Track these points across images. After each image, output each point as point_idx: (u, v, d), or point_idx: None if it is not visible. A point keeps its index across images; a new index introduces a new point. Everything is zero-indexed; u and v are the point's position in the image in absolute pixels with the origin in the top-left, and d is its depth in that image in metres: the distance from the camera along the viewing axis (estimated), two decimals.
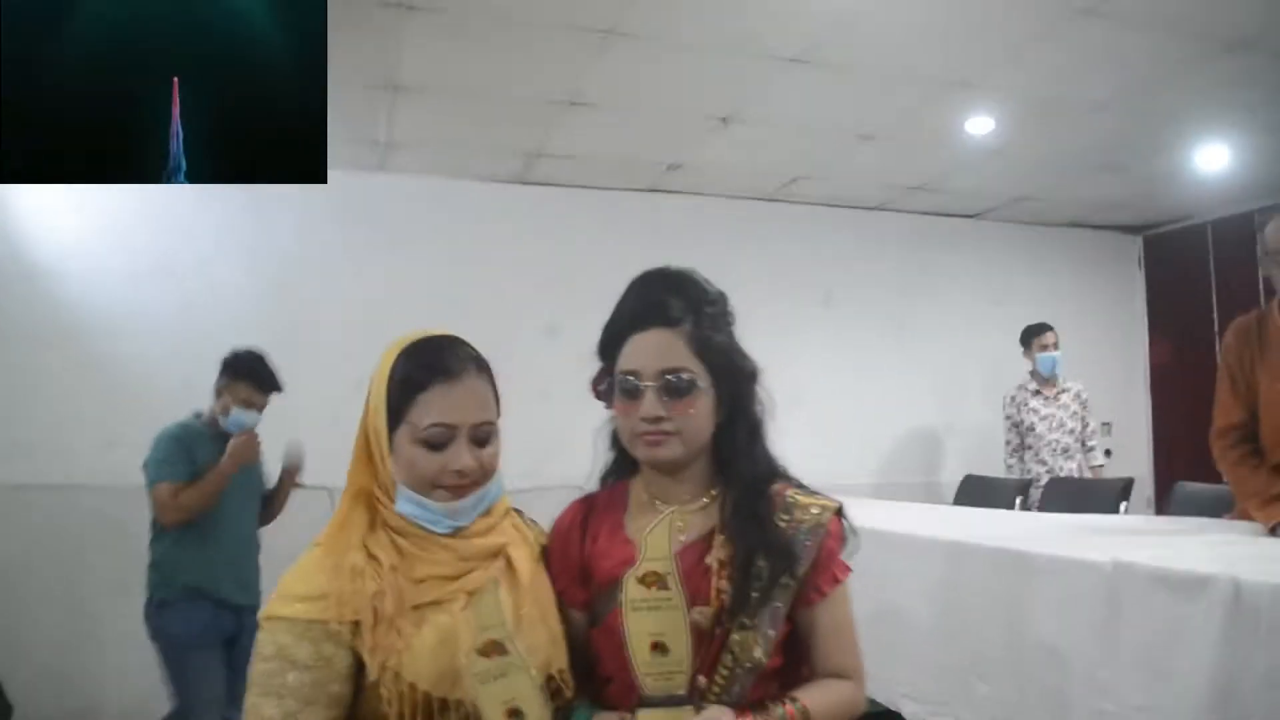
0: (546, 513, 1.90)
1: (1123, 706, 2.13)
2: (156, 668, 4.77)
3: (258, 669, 1.45)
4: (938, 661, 2.74)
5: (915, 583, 2.86)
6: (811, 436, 5.15)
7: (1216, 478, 3.56)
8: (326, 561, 1.50)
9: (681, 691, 1.46)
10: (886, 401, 6.43)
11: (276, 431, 5.08)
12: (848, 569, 1.63)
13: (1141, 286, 7.32)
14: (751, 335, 1.79)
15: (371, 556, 1.51)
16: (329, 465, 4.95)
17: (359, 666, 1.46)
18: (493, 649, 1.42)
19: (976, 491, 5.52)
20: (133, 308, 4.97)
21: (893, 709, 2.87)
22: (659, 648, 1.44)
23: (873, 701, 2.96)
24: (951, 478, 6.18)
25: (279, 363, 5.13)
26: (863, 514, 1.65)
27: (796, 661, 1.60)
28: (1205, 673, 1.97)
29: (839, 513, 1.63)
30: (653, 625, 1.44)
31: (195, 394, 4.98)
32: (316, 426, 5.07)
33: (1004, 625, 2.51)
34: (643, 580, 1.45)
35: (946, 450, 6.62)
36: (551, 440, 3.93)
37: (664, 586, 1.44)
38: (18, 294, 4.78)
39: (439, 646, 1.45)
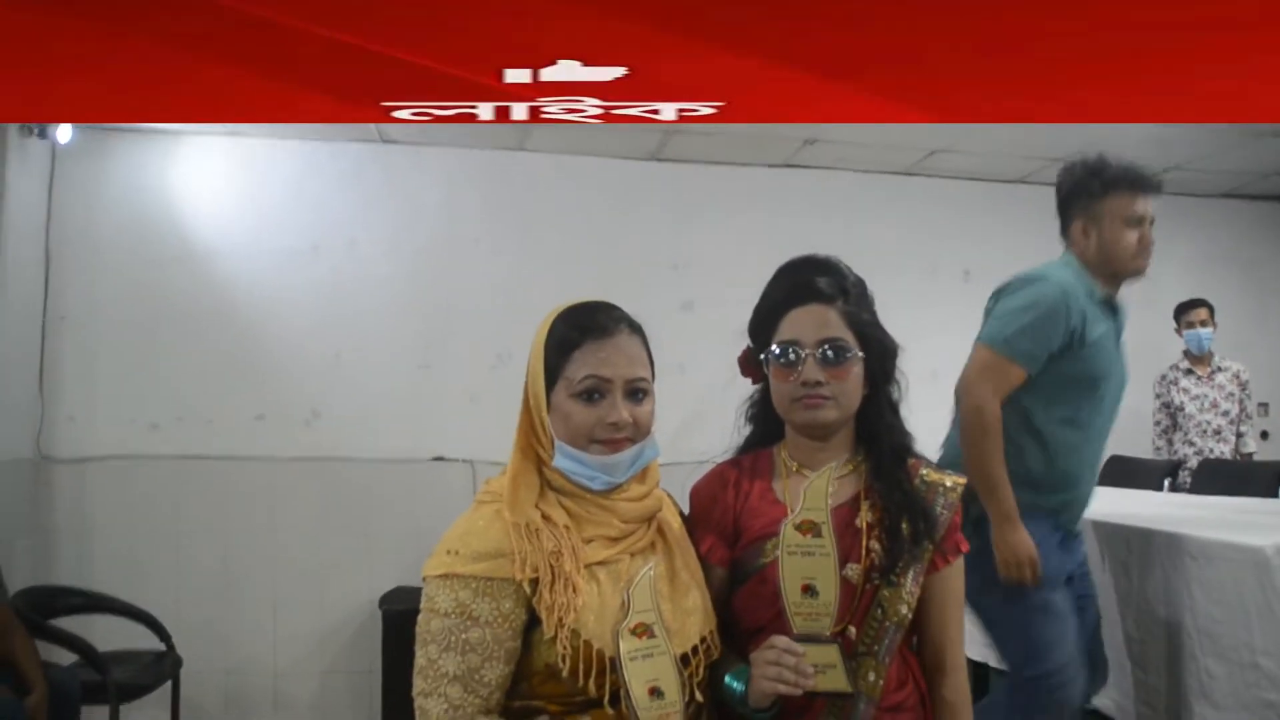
0: (683, 487, 1.92)
1: None
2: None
3: (434, 625, 1.51)
4: None
5: None
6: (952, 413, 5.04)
7: None
8: (500, 521, 1.56)
9: (826, 633, 1.57)
10: None
11: (417, 411, 5.23)
12: (967, 543, 1.76)
13: None
14: (889, 311, 1.81)
15: (545, 516, 1.57)
16: (470, 440, 5.12)
17: (529, 624, 1.53)
18: (643, 631, 1.50)
19: (1122, 472, 5.35)
20: (282, 287, 5.17)
21: None
22: (809, 590, 1.57)
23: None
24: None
25: (420, 340, 5.29)
26: None
27: (914, 623, 1.73)
28: None
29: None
30: (805, 569, 1.57)
31: (345, 369, 5.17)
32: (458, 402, 5.22)
33: (1159, 609, 2.43)
34: (799, 527, 1.58)
35: None
36: (688, 416, 3.94)
37: (818, 535, 1.57)
38: (178, 273, 5.03)
39: (615, 608, 1.53)
